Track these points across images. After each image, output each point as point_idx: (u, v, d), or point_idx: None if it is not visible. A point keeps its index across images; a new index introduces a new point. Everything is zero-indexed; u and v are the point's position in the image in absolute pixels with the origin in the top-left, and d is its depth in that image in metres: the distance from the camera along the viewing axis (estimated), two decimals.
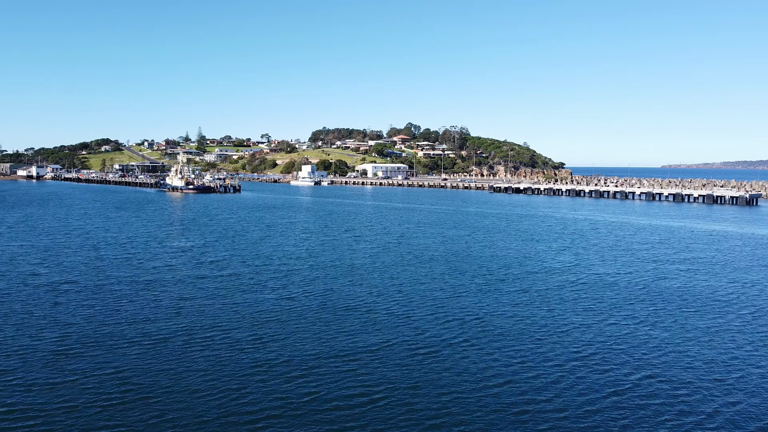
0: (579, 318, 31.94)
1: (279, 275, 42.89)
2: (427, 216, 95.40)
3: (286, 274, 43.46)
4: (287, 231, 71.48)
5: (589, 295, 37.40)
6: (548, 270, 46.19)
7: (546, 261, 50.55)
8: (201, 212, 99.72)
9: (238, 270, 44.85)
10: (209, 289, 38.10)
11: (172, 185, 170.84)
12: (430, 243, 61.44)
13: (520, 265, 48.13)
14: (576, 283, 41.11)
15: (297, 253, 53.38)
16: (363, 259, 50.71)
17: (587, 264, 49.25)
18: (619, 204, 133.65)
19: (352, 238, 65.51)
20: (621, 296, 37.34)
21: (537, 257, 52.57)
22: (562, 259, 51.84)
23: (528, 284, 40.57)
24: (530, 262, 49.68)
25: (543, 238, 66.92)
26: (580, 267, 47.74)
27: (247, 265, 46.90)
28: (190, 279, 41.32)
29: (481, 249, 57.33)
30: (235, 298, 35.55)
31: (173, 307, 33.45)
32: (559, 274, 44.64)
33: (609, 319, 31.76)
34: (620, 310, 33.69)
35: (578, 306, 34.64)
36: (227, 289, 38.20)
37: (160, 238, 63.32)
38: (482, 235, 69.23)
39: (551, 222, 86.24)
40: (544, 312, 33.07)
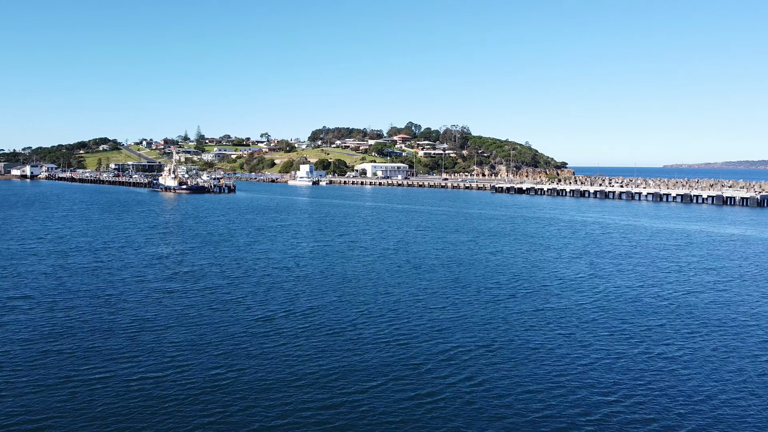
0: (603, 346, 27.06)
1: (259, 290, 38.02)
2: (428, 218, 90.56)
3: (267, 288, 38.59)
4: (277, 235, 66.61)
5: (612, 315, 32.52)
6: (562, 283, 41.30)
7: (558, 271, 45.65)
8: (190, 214, 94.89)
9: (213, 283, 39.97)
10: (175, 307, 33.23)
11: (165, 185, 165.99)
12: (430, 250, 56.57)
13: (530, 277, 43.24)
14: (595, 300, 36.20)
15: (283, 262, 48.49)
16: (356, 269, 45.83)
17: (605, 275, 44.36)
18: (626, 205, 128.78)
19: (347, 244, 60.67)
20: (648, 316, 32.44)
21: (548, 267, 47.66)
22: (575, 268, 46.95)
23: (541, 301, 35.68)
24: (541, 273, 44.78)
25: (552, 243, 62.03)
26: (597, 279, 42.84)
27: (225, 277, 42.01)
28: (158, 294, 36.47)
29: (487, 257, 52.45)
30: (202, 319, 30.69)
31: (129, 330, 28.59)
32: (575, 288, 39.75)
33: (639, 346, 26.88)
34: (651, 334, 28.79)
35: (601, 330, 29.74)
36: (196, 307, 33.32)
37: (138, 244, 58.49)
38: (487, 240, 64.35)
39: (559, 225, 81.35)
40: (562, 339, 28.19)
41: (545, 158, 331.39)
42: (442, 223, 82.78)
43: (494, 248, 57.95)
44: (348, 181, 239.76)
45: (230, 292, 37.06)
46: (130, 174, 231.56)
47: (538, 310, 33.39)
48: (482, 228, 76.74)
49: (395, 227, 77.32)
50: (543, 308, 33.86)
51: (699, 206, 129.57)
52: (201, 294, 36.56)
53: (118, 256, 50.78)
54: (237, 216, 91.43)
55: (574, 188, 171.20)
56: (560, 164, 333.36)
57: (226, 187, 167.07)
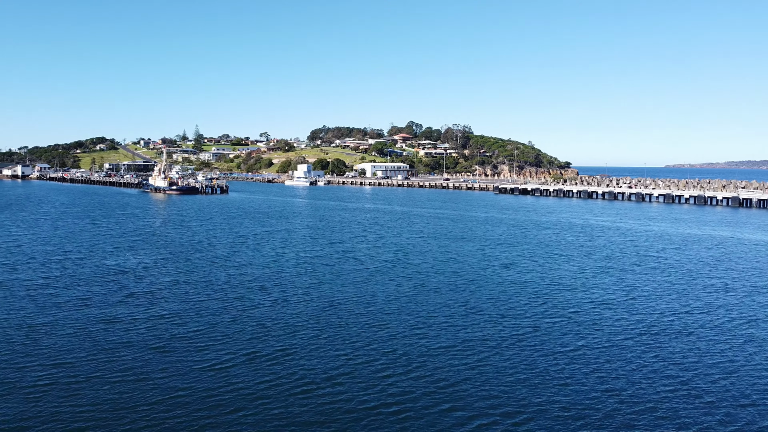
0: (666, 408, 19.99)
1: (226, 319, 30.92)
2: (430, 223, 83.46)
3: (236, 317, 31.49)
4: (261, 245, 59.49)
5: (667, 358, 25.41)
6: (594, 307, 34.20)
7: (586, 291, 38.52)
8: (172, 218, 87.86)
9: (169, 309, 32.83)
10: (106, 346, 26.08)
11: (155, 186, 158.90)
12: (433, 263, 49.44)
13: (553, 300, 36.11)
14: (640, 335, 29.05)
15: (261, 280, 41.33)
16: (345, 290, 38.73)
17: (642, 297, 37.24)
18: (638, 207, 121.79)
19: (339, 255, 53.58)
20: (711, 355, 25.31)
21: (573, 286, 40.52)
22: (605, 287, 39.83)
23: (574, 337, 28.54)
24: (565, 295, 37.67)
25: (571, 254, 54.91)
26: (635, 303, 35.71)
27: (185, 301, 34.86)
28: (99, 323, 29.40)
29: (499, 272, 45.32)
30: (135, 367, 23.58)
31: (38, 385, 21.55)
32: (612, 315, 32.63)
33: (707, 395, 19.80)
34: (718, 385, 21.70)
35: (659, 386, 22.64)
36: (133, 347, 26.15)
37: (100, 255, 51.39)
38: (496, 250, 57.20)
39: (574, 231, 74.19)
40: (609, 398, 21.10)
41: (548, 158, 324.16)
42: (445, 229, 75.68)
43: (506, 260, 50.84)
44: (347, 182, 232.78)
45: (187, 323, 29.98)
46: (121, 174, 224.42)
47: (574, 351, 26.27)
48: (490, 235, 69.60)
49: (394, 234, 70.24)
50: (579, 350, 26.73)
51: (713, 209, 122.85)
52: (152, 325, 29.47)
53: (70, 271, 43.71)
54: (222, 220, 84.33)
55: (581, 189, 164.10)
56: (564, 164, 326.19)
57: (219, 188, 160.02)
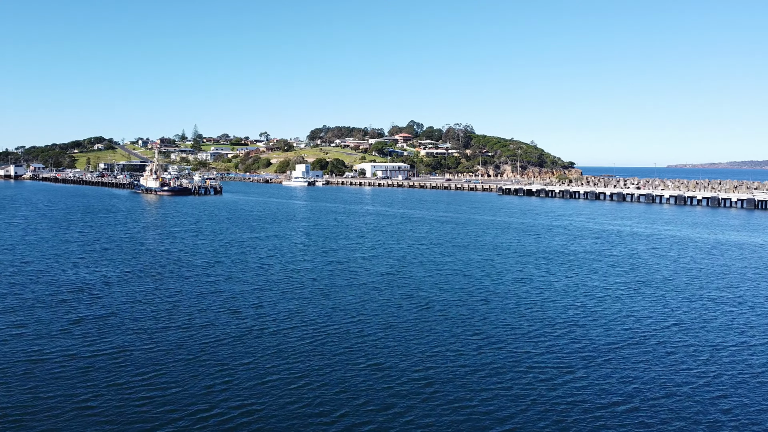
0: None
1: (180, 359, 24.94)
2: (433, 228, 77.47)
3: (193, 356, 25.47)
4: (246, 255, 53.49)
5: (746, 411, 19.45)
6: (633, 336, 28.19)
7: (621, 315, 32.53)
8: (156, 222, 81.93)
9: (120, 342, 26.81)
10: (27, 392, 20.14)
11: (146, 186, 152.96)
12: (438, 277, 43.46)
13: (583, 328, 30.11)
14: (718, 384, 23.07)
15: (237, 301, 35.33)
16: (335, 314, 32.74)
17: (691, 324, 31.23)
18: (649, 209, 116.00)
19: (332, 267, 47.61)
20: None
21: (602, 307, 34.53)
22: (640, 308, 33.84)
23: (618, 382, 22.54)
24: (597, 320, 31.65)
25: (593, 265, 48.91)
26: (681, 331, 29.69)
27: (141, 331, 28.80)
28: (21, 363, 23.43)
29: (514, 290, 39.33)
30: (62, 420, 17.64)
31: None
32: (661, 351, 26.63)
33: None
34: None
35: None
36: (63, 396, 20.22)
37: (62, 267, 45.39)
38: (509, 260, 51.19)
39: (590, 237, 68.16)
40: None
41: (552, 158, 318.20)
42: (449, 235, 69.68)
43: (521, 273, 44.82)
44: (346, 182, 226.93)
45: (128, 364, 24.01)
46: (114, 174, 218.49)
47: (617, 406, 20.26)
48: (499, 242, 63.59)
49: (394, 240, 64.28)
50: (625, 402, 20.71)
51: (728, 210, 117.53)
52: (81, 367, 23.48)
53: (18, 288, 37.73)
54: (209, 225, 78.30)
55: (588, 190, 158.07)
56: (567, 164, 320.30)
57: (213, 189, 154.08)
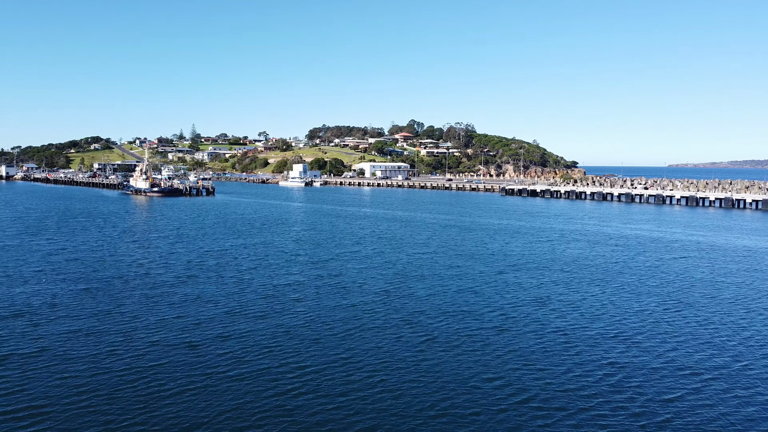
0: None
1: (120, 415, 18.99)
2: (435, 233, 71.50)
3: (133, 412, 19.55)
4: (225, 267, 47.44)
5: None
6: (696, 382, 22.25)
7: (667, 346, 26.51)
8: (134, 228, 75.94)
9: (41, 392, 20.83)
10: None
11: (136, 187, 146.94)
12: (443, 296, 37.45)
13: (628, 367, 24.11)
14: None
15: (201, 330, 29.28)
16: (319, 348, 26.72)
17: (747, 355, 25.29)
18: (661, 211, 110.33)
19: (321, 283, 41.64)
20: None
21: (645, 336, 28.45)
22: (687, 336, 27.86)
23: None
24: (643, 357, 25.64)
25: (620, 278, 42.90)
26: (756, 374, 23.75)
27: (69, 377, 22.79)
28: None
29: (533, 313, 33.32)
30: None
31: None
32: (731, 401, 20.70)
33: None
34: None
35: None
36: None
37: (11, 283, 39.31)
38: (523, 274, 45.14)
39: (609, 244, 62.17)
40: None
41: (554, 157, 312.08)
42: (453, 242, 63.70)
43: (537, 291, 38.85)
44: (344, 182, 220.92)
45: (46, 418, 18.09)
46: (106, 175, 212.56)
47: None
48: (509, 251, 57.61)
49: (393, 248, 58.32)
50: None
51: (743, 212, 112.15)
52: None
53: None
54: (192, 230, 72.26)
55: (595, 191, 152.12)
56: (570, 163, 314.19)
57: (205, 190, 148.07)
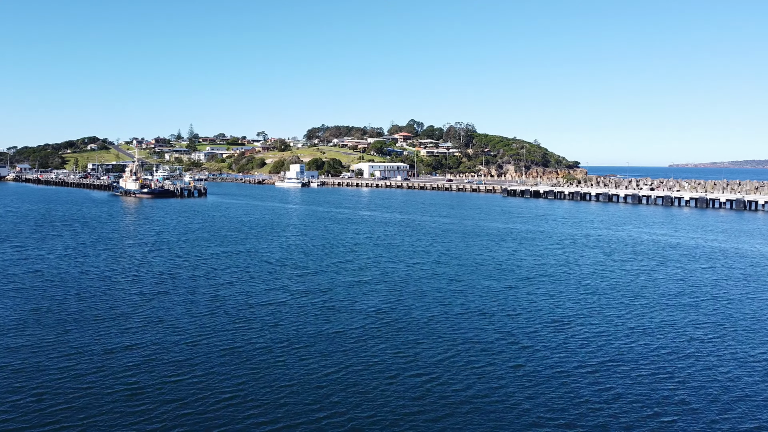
0: None
1: None
2: (437, 239, 66.46)
3: None
4: (196, 284, 42.35)
5: None
6: None
7: (728, 390, 21.54)
8: (113, 234, 70.90)
9: None
10: None
11: (125, 189, 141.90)
12: (447, 321, 32.34)
13: (681, 418, 19.14)
14: None
15: (149, 370, 24.13)
16: (290, 402, 21.70)
17: None
18: (671, 213, 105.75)
19: (302, 304, 36.60)
20: None
21: (692, 372, 23.48)
22: (753, 372, 22.89)
23: None
24: (694, 403, 20.69)
25: (649, 294, 37.81)
26: None
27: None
28: None
29: (552, 339, 28.20)
30: None
31: None
32: None
33: None
34: None
35: None
36: None
37: None
38: (536, 289, 40.04)
39: (627, 251, 57.05)
40: None
41: (556, 157, 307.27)
42: (456, 250, 58.65)
43: (555, 312, 33.76)
44: (342, 183, 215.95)
45: None
46: (97, 175, 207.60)
47: None
48: (518, 261, 52.53)
49: (391, 257, 53.29)
50: None
51: (755, 214, 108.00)
52: None
53: None
54: (174, 236, 67.17)
55: (600, 192, 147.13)
56: (572, 164, 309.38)
57: (197, 191, 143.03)
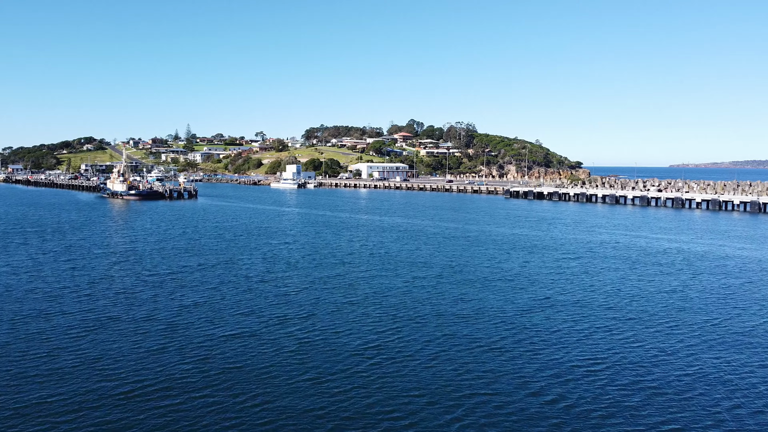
0: None
1: None
2: (439, 248, 60.76)
3: None
4: (156, 305, 36.65)
5: None
6: None
7: None
8: (83, 242, 65.21)
9: None
10: None
11: (113, 190, 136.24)
12: (452, 366, 26.65)
13: None
14: None
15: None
16: None
17: None
18: (681, 216, 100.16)
19: (275, 337, 30.89)
20: None
21: None
22: None
23: None
24: None
25: (696, 320, 32.09)
26: None
27: None
28: None
29: (590, 393, 22.62)
30: None
31: None
32: None
33: None
34: None
35: None
36: None
37: None
38: (556, 313, 34.29)
39: (650, 262, 51.31)
40: None
41: (558, 157, 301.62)
42: (460, 261, 52.95)
43: (584, 348, 28.03)
44: (340, 184, 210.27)
45: None
46: (87, 176, 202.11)
47: None
48: (531, 276, 46.80)
49: (387, 271, 47.58)
50: None
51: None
52: None
53: None
54: (149, 245, 61.48)
55: (607, 193, 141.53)
56: (575, 164, 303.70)
57: (186, 192, 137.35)
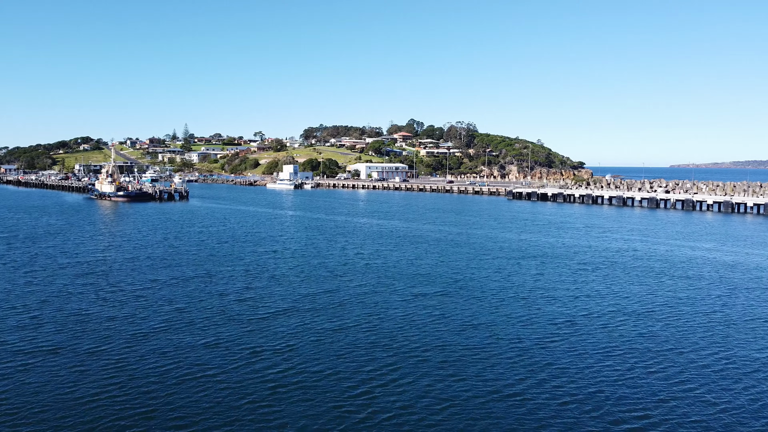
0: None
1: None
2: (442, 258, 55.61)
3: None
4: (108, 336, 31.37)
5: None
6: None
7: None
8: (49, 251, 60.01)
9: None
10: None
11: (101, 191, 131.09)
12: (468, 413, 21.57)
13: None
14: None
15: None
16: None
17: None
18: (691, 219, 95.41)
19: (244, 385, 25.71)
20: None
21: None
22: None
23: None
24: None
25: (745, 348, 27.12)
26: None
27: None
28: None
29: None
30: None
31: None
32: None
33: None
34: None
35: None
36: None
37: None
38: (582, 341, 29.08)
39: (678, 275, 46.14)
40: None
41: (560, 157, 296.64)
42: (466, 275, 47.78)
43: (617, 387, 22.96)
44: (338, 184, 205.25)
45: None
46: (78, 177, 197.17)
47: None
48: (548, 292, 41.67)
49: (383, 286, 42.44)
50: None
51: None
52: None
53: None
54: (121, 255, 56.37)
55: (614, 195, 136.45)
56: (577, 164, 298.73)
57: (177, 194, 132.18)
